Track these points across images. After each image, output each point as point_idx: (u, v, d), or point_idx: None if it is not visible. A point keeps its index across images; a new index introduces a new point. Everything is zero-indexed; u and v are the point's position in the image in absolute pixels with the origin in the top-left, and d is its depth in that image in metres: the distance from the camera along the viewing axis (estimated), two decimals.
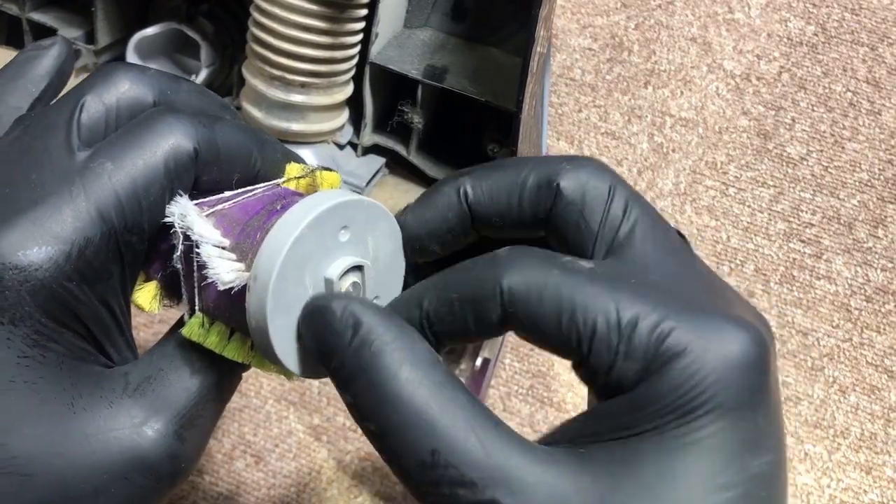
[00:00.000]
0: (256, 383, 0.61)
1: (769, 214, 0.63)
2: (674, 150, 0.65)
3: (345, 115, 0.47)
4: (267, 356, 0.24)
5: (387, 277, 0.27)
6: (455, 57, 0.48)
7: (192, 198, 0.25)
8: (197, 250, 0.24)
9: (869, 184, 0.63)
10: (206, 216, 0.25)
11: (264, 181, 0.27)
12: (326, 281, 0.24)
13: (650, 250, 0.24)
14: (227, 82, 0.52)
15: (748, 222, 0.63)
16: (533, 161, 0.26)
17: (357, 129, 0.48)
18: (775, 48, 0.67)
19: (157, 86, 0.26)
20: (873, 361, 0.60)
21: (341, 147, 0.48)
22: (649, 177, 0.65)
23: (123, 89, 0.25)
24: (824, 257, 0.62)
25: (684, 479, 0.21)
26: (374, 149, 0.49)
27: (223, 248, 0.25)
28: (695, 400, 0.21)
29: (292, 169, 0.28)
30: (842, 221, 0.63)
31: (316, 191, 0.27)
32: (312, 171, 0.27)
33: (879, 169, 0.64)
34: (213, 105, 0.28)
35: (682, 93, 0.66)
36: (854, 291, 0.61)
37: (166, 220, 0.24)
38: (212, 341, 0.25)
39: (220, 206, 0.25)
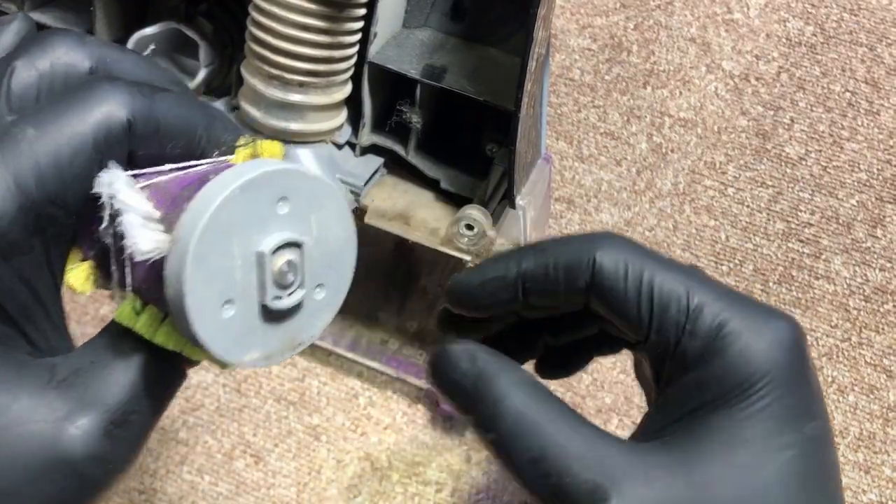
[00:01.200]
0: (256, 383, 0.61)
1: (768, 214, 0.63)
2: (673, 151, 0.65)
3: (343, 114, 0.47)
4: (184, 332, 0.22)
5: (332, 263, 0.25)
6: (454, 57, 0.48)
7: (127, 170, 0.23)
8: (119, 218, 0.22)
9: (867, 184, 0.64)
10: (141, 188, 0.23)
11: (210, 159, 0.25)
12: (258, 255, 0.22)
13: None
14: (226, 82, 0.52)
15: (747, 222, 0.63)
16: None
17: (355, 129, 0.48)
18: (774, 48, 0.67)
19: (95, 53, 0.24)
20: (872, 361, 0.60)
21: (340, 147, 0.48)
22: (648, 177, 0.65)
23: (59, 54, 0.23)
24: (823, 257, 0.62)
25: (752, 443, 0.24)
26: (373, 149, 0.49)
27: (152, 219, 0.22)
28: (752, 376, 0.25)
29: (241, 144, 0.26)
30: (840, 221, 0.63)
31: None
32: (253, 140, 0.25)
33: (878, 169, 0.64)
34: (160, 77, 0.26)
35: (680, 93, 0.67)
36: (853, 291, 0.61)
37: (94, 190, 0.22)
38: (141, 325, 0.23)
39: (156, 179, 0.23)
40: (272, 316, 0.23)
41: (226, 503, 0.59)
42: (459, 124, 0.49)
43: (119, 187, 0.22)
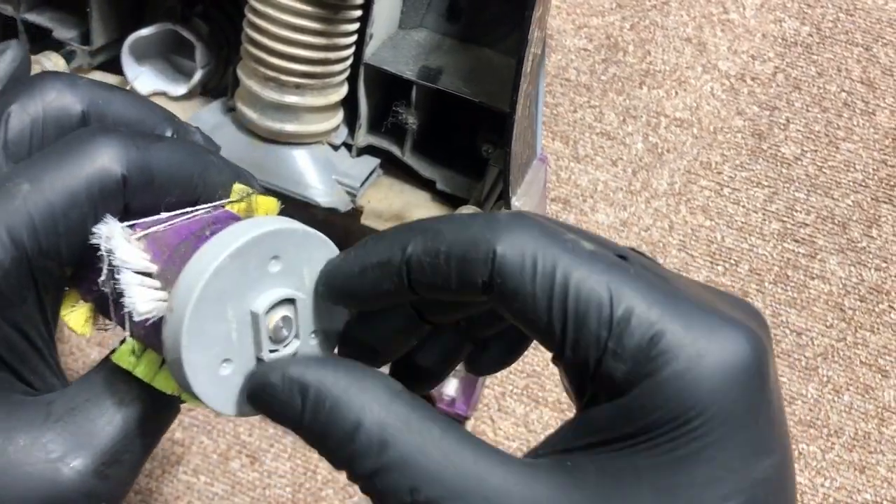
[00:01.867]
0: None
1: (763, 214, 0.63)
2: (668, 151, 0.65)
3: (339, 115, 0.47)
4: (183, 388, 0.23)
5: (325, 310, 0.25)
6: (450, 58, 0.48)
7: (125, 219, 0.23)
8: (116, 276, 0.23)
9: (863, 184, 0.64)
10: (138, 239, 0.23)
11: (207, 203, 0.25)
12: (252, 315, 0.23)
13: (634, 259, 0.22)
14: (221, 83, 0.52)
15: (742, 222, 0.63)
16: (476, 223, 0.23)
17: (352, 130, 0.48)
18: (770, 48, 0.67)
19: (87, 96, 0.24)
20: (867, 361, 0.60)
21: (336, 148, 0.48)
22: (644, 177, 0.65)
23: (49, 99, 0.24)
24: (818, 257, 0.62)
25: (684, 494, 0.19)
26: (369, 149, 0.49)
27: (148, 274, 0.23)
28: (690, 410, 0.19)
29: (237, 191, 0.26)
30: (836, 221, 0.63)
31: (251, 216, 0.25)
32: (249, 194, 0.26)
33: (874, 169, 0.64)
34: (153, 117, 0.26)
35: (676, 93, 0.67)
36: (848, 291, 0.61)
37: (92, 241, 0.23)
38: (141, 370, 0.24)
39: (153, 229, 0.24)
40: None
41: (221, 503, 0.59)
42: (455, 125, 0.49)
43: (117, 243, 0.23)
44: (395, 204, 0.47)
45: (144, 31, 0.49)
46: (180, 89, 0.51)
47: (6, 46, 0.26)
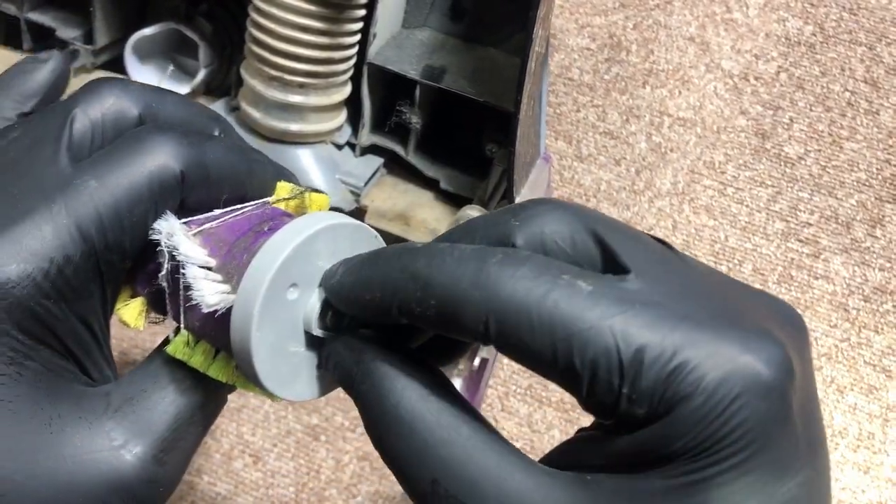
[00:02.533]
0: None
1: (767, 214, 0.63)
2: (672, 150, 0.65)
3: (343, 115, 0.47)
4: (250, 378, 0.24)
5: None
6: (453, 57, 0.48)
7: (179, 216, 0.25)
8: (182, 271, 0.24)
9: (867, 183, 0.63)
10: (193, 235, 0.25)
11: (253, 200, 0.27)
12: (311, 304, 0.24)
13: (644, 266, 0.22)
14: (225, 82, 0.52)
15: (746, 222, 0.63)
16: (482, 225, 0.23)
17: (355, 130, 0.48)
18: (773, 48, 0.67)
19: (141, 99, 0.26)
20: (871, 361, 0.60)
21: (340, 147, 0.48)
22: (647, 176, 0.65)
23: (108, 103, 0.25)
24: (822, 257, 0.62)
25: None
26: (373, 149, 0.49)
27: (209, 268, 0.25)
28: (709, 440, 0.19)
29: (282, 188, 0.28)
30: (840, 221, 0.63)
31: (304, 212, 0.27)
32: (302, 192, 0.28)
33: (877, 168, 0.64)
34: (201, 118, 0.27)
35: (680, 92, 0.66)
36: (852, 291, 0.61)
37: (152, 237, 0.24)
38: (196, 360, 0.25)
39: (207, 225, 0.25)
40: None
41: (224, 503, 0.59)
42: (459, 124, 0.49)
43: (179, 239, 0.24)
44: (399, 203, 0.47)
45: (148, 31, 0.49)
46: (183, 88, 0.51)
47: (49, 56, 0.28)
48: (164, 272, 0.25)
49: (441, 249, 0.22)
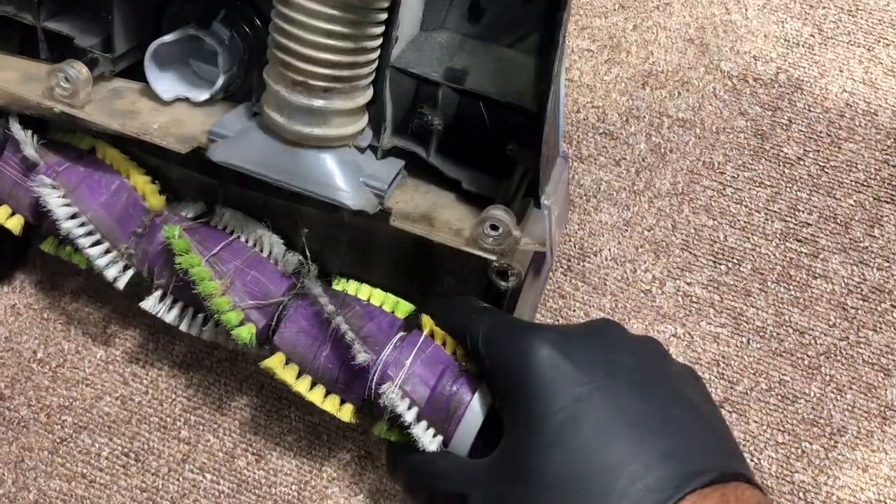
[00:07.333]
0: (257, 382, 0.61)
1: (766, 214, 0.64)
2: (671, 151, 0.66)
3: (365, 118, 0.47)
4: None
5: None
6: (474, 58, 0.48)
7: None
8: (402, 419, 0.44)
9: (865, 184, 0.64)
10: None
11: None
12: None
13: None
14: (244, 87, 0.52)
15: (745, 222, 0.64)
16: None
17: (376, 132, 0.48)
18: (772, 49, 0.68)
19: None
20: (870, 360, 0.60)
21: (362, 150, 0.48)
22: (647, 177, 0.65)
23: None
24: (821, 256, 0.63)
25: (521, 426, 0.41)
26: (393, 151, 0.49)
27: (420, 410, 0.44)
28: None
29: (426, 321, 0.48)
30: (838, 221, 0.63)
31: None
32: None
33: (876, 169, 0.64)
34: None
35: (679, 93, 0.67)
36: (850, 290, 0.62)
37: (387, 396, 0.45)
38: (393, 435, 0.47)
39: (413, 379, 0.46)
40: None
41: (227, 501, 0.59)
42: (480, 125, 0.49)
43: (401, 407, 0.45)
44: (422, 205, 0.47)
45: (167, 38, 0.49)
46: (202, 95, 0.51)
47: None
48: (387, 417, 0.45)
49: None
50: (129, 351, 0.63)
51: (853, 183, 0.64)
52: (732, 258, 0.63)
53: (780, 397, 0.59)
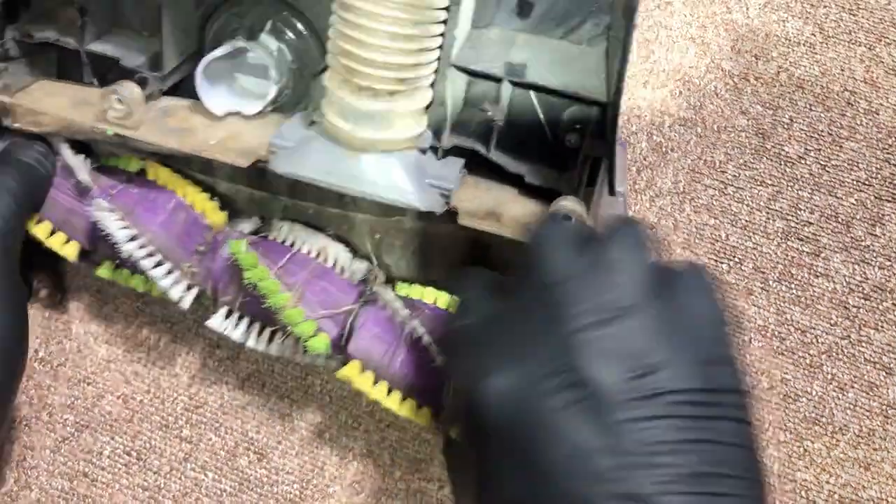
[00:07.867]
0: (259, 381, 0.61)
1: (767, 213, 0.64)
2: (673, 150, 0.66)
3: (425, 119, 0.47)
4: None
5: None
6: (529, 52, 0.48)
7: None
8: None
9: (867, 182, 0.64)
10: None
11: None
12: None
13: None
14: (294, 96, 0.51)
15: (746, 220, 0.64)
16: None
17: (435, 133, 0.48)
18: (773, 48, 0.68)
19: None
20: (871, 358, 0.60)
21: (423, 151, 0.48)
22: (648, 176, 0.65)
23: None
24: (822, 255, 0.63)
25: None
26: (453, 150, 0.49)
27: None
28: None
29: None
30: (840, 220, 0.63)
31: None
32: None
33: (877, 168, 0.64)
34: None
35: (680, 92, 0.67)
36: (852, 289, 0.62)
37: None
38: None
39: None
40: None
41: (229, 500, 0.59)
42: (536, 117, 0.49)
43: None
44: (487, 201, 0.47)
45: (218, 52, 0.48)
46: (254, 107, 0.50)
47: None
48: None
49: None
50: (131, 350, 0.63)
51: (854, 182, 0.64)
52: (734, 257, 0.63)
53: (781, 396, 0.59)
